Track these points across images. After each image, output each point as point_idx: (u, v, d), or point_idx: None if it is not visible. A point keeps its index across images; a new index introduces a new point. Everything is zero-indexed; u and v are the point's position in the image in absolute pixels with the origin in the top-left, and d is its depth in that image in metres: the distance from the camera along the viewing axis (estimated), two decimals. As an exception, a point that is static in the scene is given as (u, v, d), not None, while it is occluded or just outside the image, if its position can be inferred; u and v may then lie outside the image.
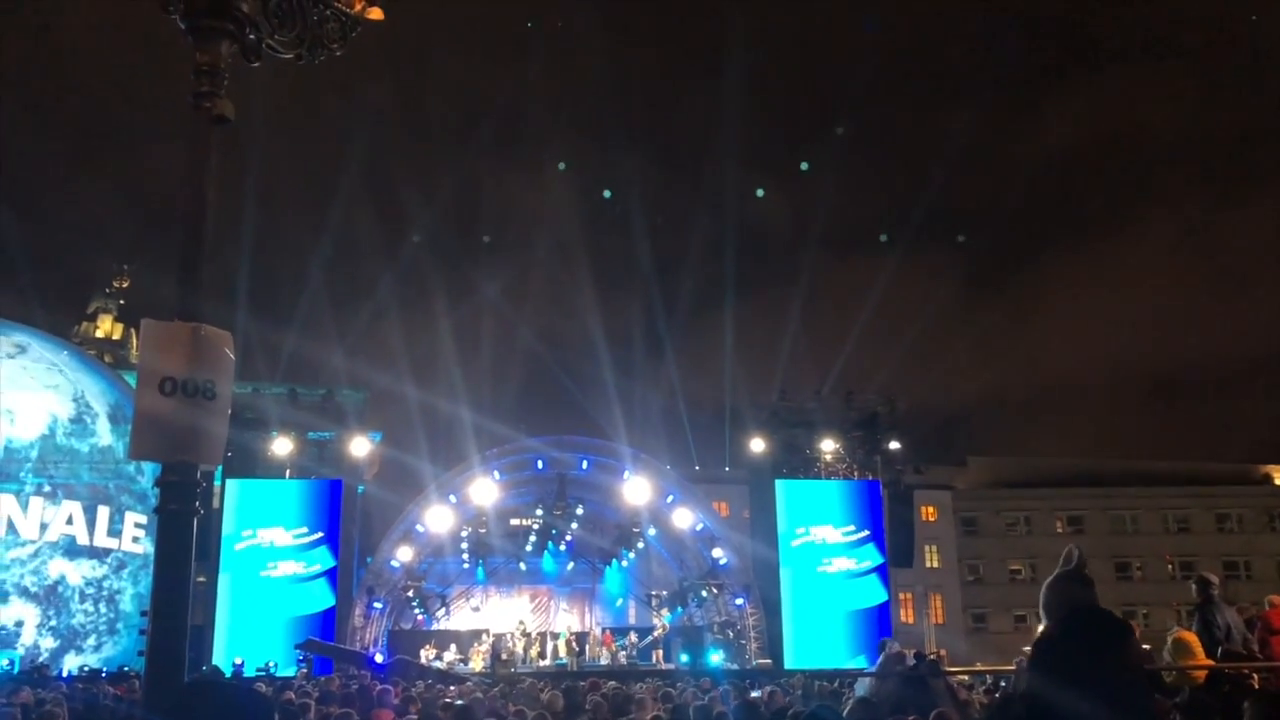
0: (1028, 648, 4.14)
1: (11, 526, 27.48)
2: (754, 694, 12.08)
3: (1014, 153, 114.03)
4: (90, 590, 28.33)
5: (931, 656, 15.96)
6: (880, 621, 29.75)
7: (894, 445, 31.52)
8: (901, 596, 49.44)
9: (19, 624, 27.21)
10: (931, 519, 56.35)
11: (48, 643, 27.32)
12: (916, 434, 41.95)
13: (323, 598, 28.79)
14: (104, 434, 29.43)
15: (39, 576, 27.63)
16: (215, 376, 3.89)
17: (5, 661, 25.61)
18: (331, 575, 29.04)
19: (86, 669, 25.50)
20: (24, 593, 27.38)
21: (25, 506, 27.79)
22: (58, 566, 27.89)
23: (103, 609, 28.42)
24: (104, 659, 27.03)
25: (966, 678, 20.91)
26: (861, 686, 10.99)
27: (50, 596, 27.74)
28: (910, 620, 51.03)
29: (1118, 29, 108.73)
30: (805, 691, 11.86)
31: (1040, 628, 4.04)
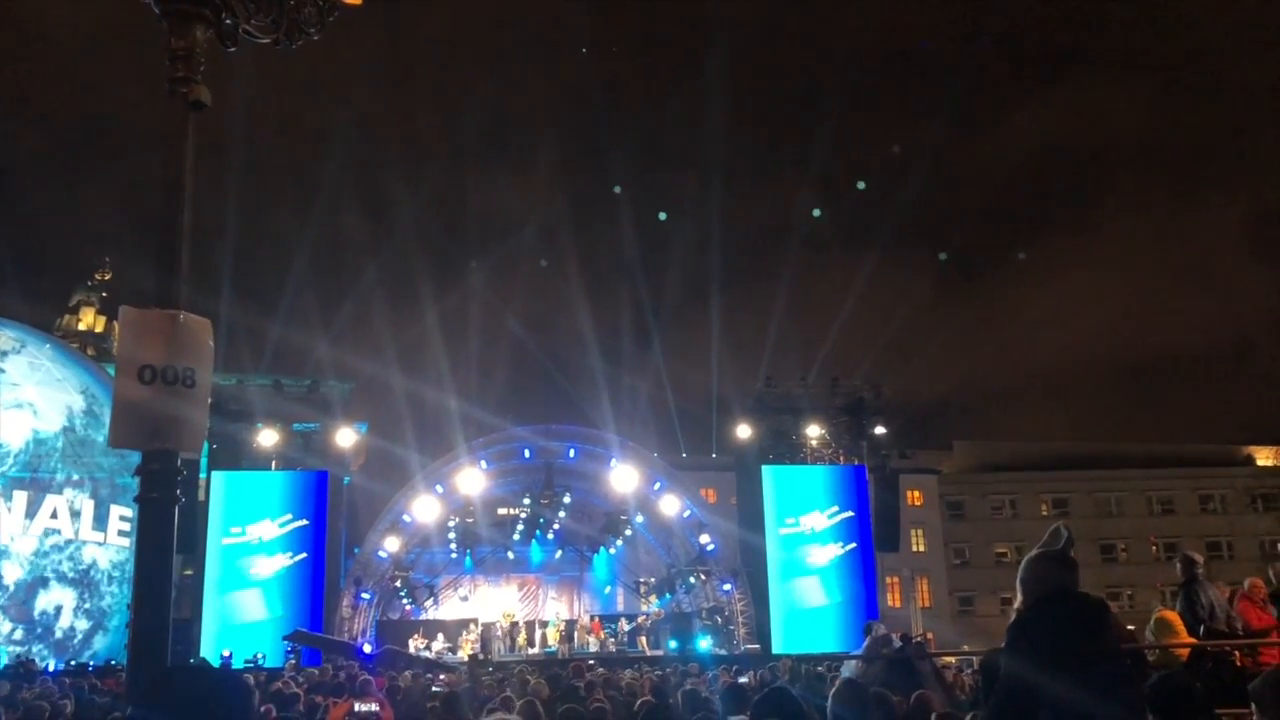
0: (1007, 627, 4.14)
1: (42, 516, 27.58)
2: (741, 679, 12.13)
3: (985, 153, 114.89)
4: (115, 573, 28.48)
5: (918, 639, 16.05)
6: (867, 605, 29.87)
7: (879, 430, 31.63)
8: (888, 580, 49.68)
9: (58, 609, 27.41)
10: (917, 503, 56.65)
11: (81, 624, 27.53)
12: (902, 419, 42.19)
13: (310, 589, 28.74)
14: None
15: (74, 562, 27.79)
16: (195, 364, 3.86)
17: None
18: (319, 566, 28.99)
19: (74, 664, 25.44)
20: (62, 578, 27.59)
21: (60, 494, 27.87)
22: (90, 552, 28.05)
23: (126, 590, 28.61)
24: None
25: (953, 660, 21.06)
26: (848, 669, 11.05)
27: (84, 580, 27.89)
28: (897, 604, 51.28)
29: (1080, 38, 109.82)
30: (792, 675, 11.92)
31: (1015, 606, 4.04)
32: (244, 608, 28.10)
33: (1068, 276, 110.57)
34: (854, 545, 30.30)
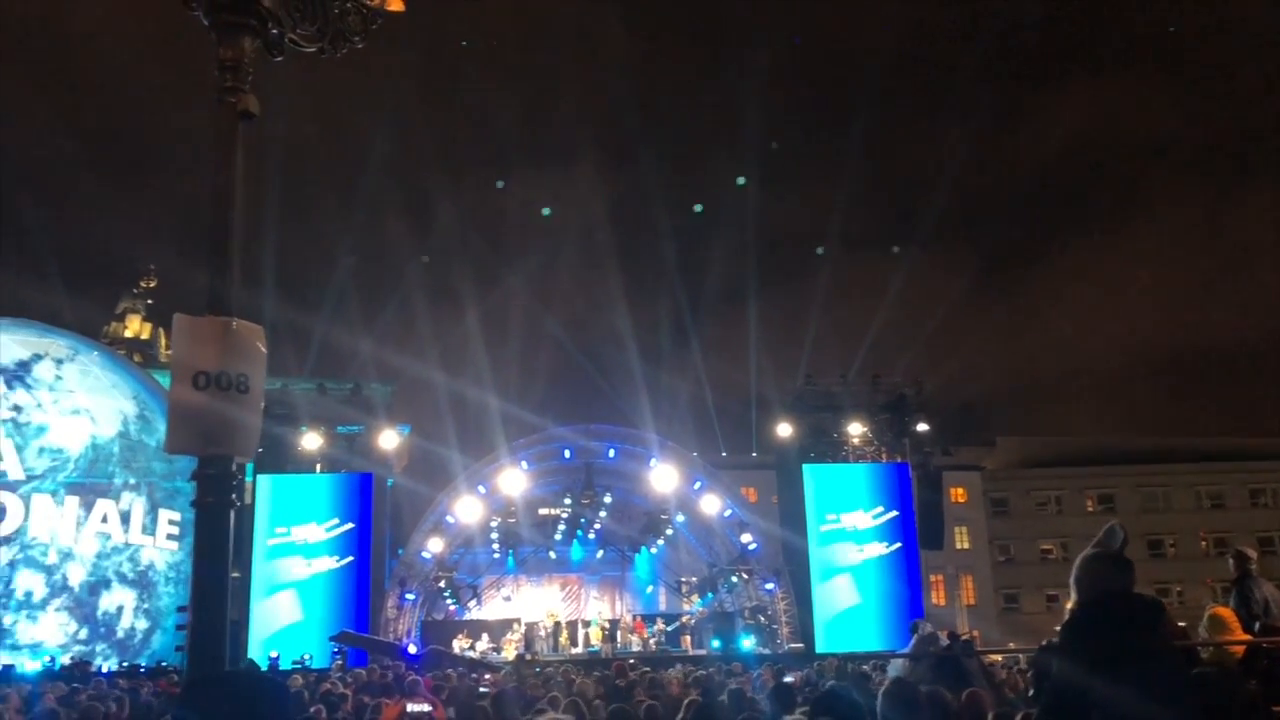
0: (1059, 627, 4.10)
1: (94, 520, 28.15)
2: (787, 678, 12.09)
3: (1025, 147, 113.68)
4: (171, 574, 28.97)
5: (965, 637, 15.90)
6: (911, 604, 29.65)
7: (922, 427, 31.35)
8: (932, 579, 49.28)
9: (119, 609, 28.00)
10: (961, 500, 56.12)
11: (141, 624, 28.07)
12: (944, 416, 41.76)
13: (355, 590, 29.00)
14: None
15: (134, 563, 28.34)
16: (248, 370, 3.92)
17: (46, 658, 26.01)
18: (364, 568, 29.23)
19: (127, 664, 25.86)
20: (123, 579, 28.15)
21: (117, 499, 28.41)
22: (148, 553, 28.60)
23: (180, 591, 29.11)
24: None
25: (999, 658, 20.84)
26: (894, 668, 10.97)
27: (143, 581, 28.42)
28: (941, 602, 50.85)
29: (1124, 31, 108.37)
30: (839, 674, 11.85)
31: (1069, 605, 4.00)
32: (290, 610, 28.41)
33: (1112, 269, 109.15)
34: (897, 544, 30.07)
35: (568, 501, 33.81)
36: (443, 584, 33.14)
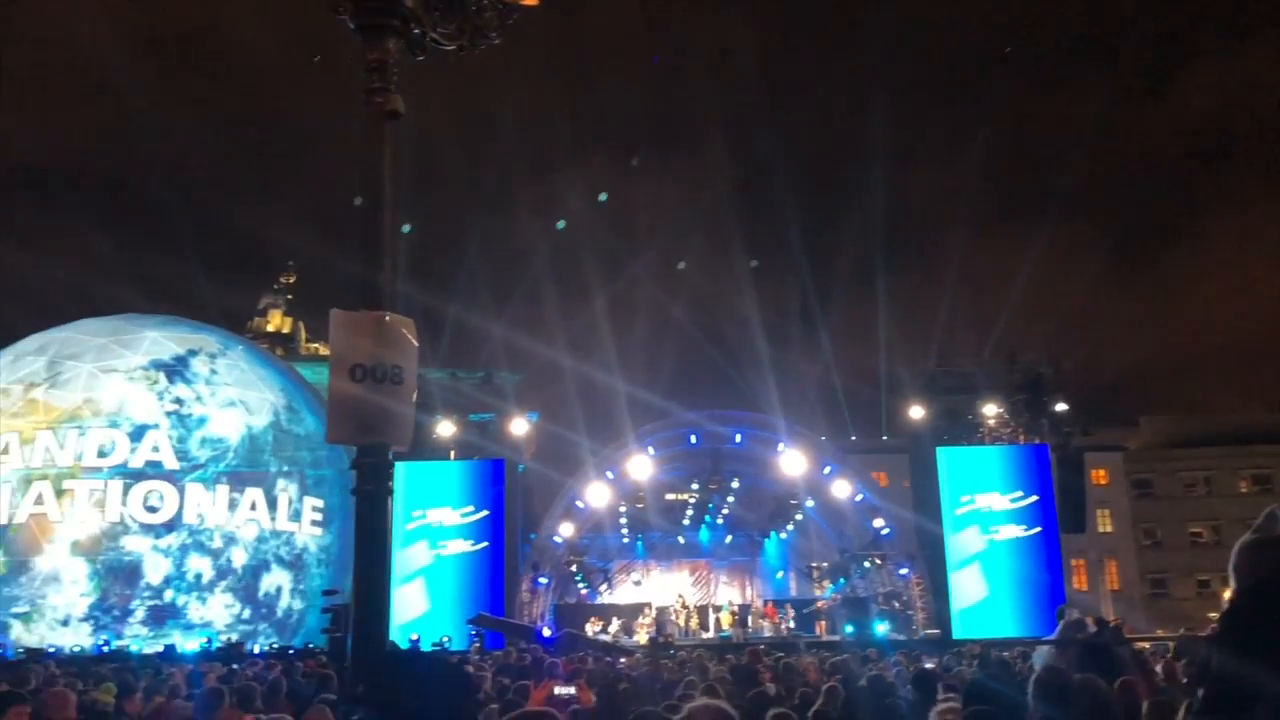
0: (1215, 614, 3.92)
1: (243, 508, 29.53)
2: (926, 664, 11.88)
3: (1161, 121, 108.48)
4: (322, 556, 30.25)
5: (1114, 623, 15.35)
6: (1052, 589, 28.76)
7: (1061, 407, 30.31)
8: (1073, 563, 47.65)
9: (278, 589, 29.44)
10: (1102, 482, 54.03)
11: (297, 605, 29.42)
12: (1083, 395, 40.29)
13: (490, 574, 29.67)
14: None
15: (290, 547, 29.67)
16: (401, 362, 4.06)
17: (204, 639, 27.39)
18: (498, 552, 29.88)
19: (276, 646, 27.01)
20: (280, 561, 29.52)
21: (273, 487, 29.80)
22: (302, 537, 29.93)
23: (327, 572, 30.38)
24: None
25: (1148, 645, 20.05)
26: (1040, 656, 10.67)
27: (298, 563, 29.77)
28: (1083, 587, 49.16)
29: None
30: (982, 661, 11.59)
31: (1227, 593, 3.81)
32: (426, 593, 29.25)
33: (1257, 239, 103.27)
34: (1037, 528, 29.16)
35: (695, 487, 33.89)
36: (574, 568, 33.64)
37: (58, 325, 30.89)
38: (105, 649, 25.37)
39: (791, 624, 31.02)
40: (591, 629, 29.21)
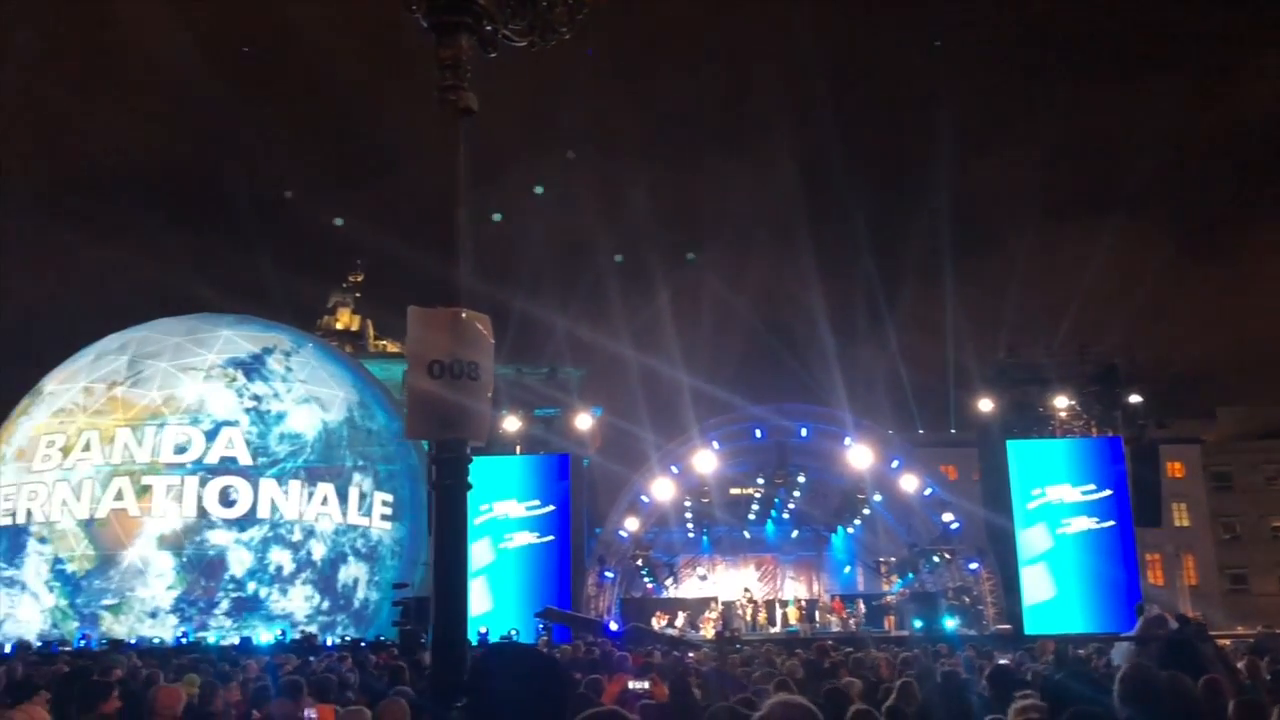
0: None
1: (314, 503, 30.11)
2: (1000, 661, 11.69)
3: (1232, 108, 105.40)
4: (396, 548, 30.76)
5: (1196, 619, 14.96)
6: (1127, 585, 28.19)
7: (1134, 398, 29.66)
8: (1148, 557, 46.59)
9: (355, 581, 30.01)
10: (1178, 475, 52.75)
11: (373, 596, 29.95)
12: (1157, 386, 39.25)
13: (557, 567, 29.87)
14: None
15: (365, 539, 30.25)
16: (478, 358, 4.09)
17: (279, 631, 27.94)
18: (564, 546, 30.08)
19: (348, 638, 27.46)
20: (357, 554, 30.09)
21: (349, 482, 30.37)
22: (376, 530, 30.47)
23: (398, 565, 30.86)
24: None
25: (1229, 642, 19.54)
26: (1119, 652, 10.42)
27: (373, 555, 30.31)
28: (1159, 583, 48.01)
29: None
30: (1059, 658, 11.36)
31: None
32: (489, 588, 29.50)
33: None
34: (1110, 521, 28.57)
35: (760, 481, 33.76)
36: (640, 562, 33.73)
37: (137, 324, 31.71)
38: (183, 640, 26.02)
39: (862, 618, 30.79)
40: (658, 623, 29.26)
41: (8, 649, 24.90)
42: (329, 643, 26.27)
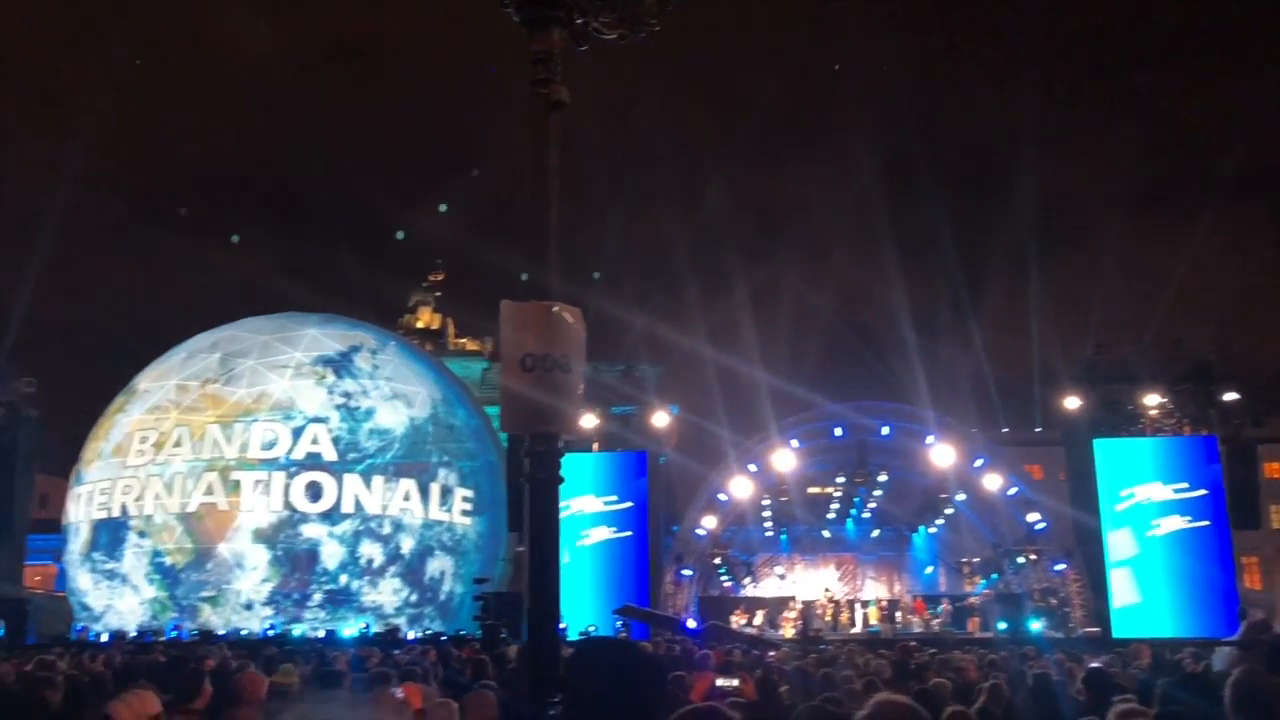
0: None
1: (396, 498, 30.64)
2: (1093, 664, 11.39)
3: None
4: (480, 542, 31.20)
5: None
6: (1223, 588, 27.29)
7: (1230, 396, 28.66)
8: (1244, 560, 45.07)
9: (442, 574, 30.57)
10: (1276, 476, 50.97)
11: (459, 589, 30.44)
12: (1254, 383, 37.92)
13: (635, 565, 29.90)
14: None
15: (451, 533, 30.76)
16: (569, 352, 4.09)
17: (362, 625, 28.45)
18: (642, 543, 30.08)
19: (429, 632, 27.83)
20: (443, 547, 30.62)
21: (434, 478, 30.89)
22: (460, 524, 30.95)
23: (479, 559, 31.26)
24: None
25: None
26: (1221, 657, 10.08)
27: (458, 549, 30.79)
28: (1257, 586, 46.47)
29: None
30: (1156, 662, 11.01)
31: None
32: (574, 581, 29.61)
33: None
34: (1205, 522, 27.65)
35: (840, 480, 33.39)
36: (718, 560, 33.62)
37: (223, 324, 32.56)
38: (270, 632, 26.64)
39: (947, 619, 30.27)
40: (736, 622, 29.11)
41: (105, 638, 25.78)
42: (410, 636, 26.69)
